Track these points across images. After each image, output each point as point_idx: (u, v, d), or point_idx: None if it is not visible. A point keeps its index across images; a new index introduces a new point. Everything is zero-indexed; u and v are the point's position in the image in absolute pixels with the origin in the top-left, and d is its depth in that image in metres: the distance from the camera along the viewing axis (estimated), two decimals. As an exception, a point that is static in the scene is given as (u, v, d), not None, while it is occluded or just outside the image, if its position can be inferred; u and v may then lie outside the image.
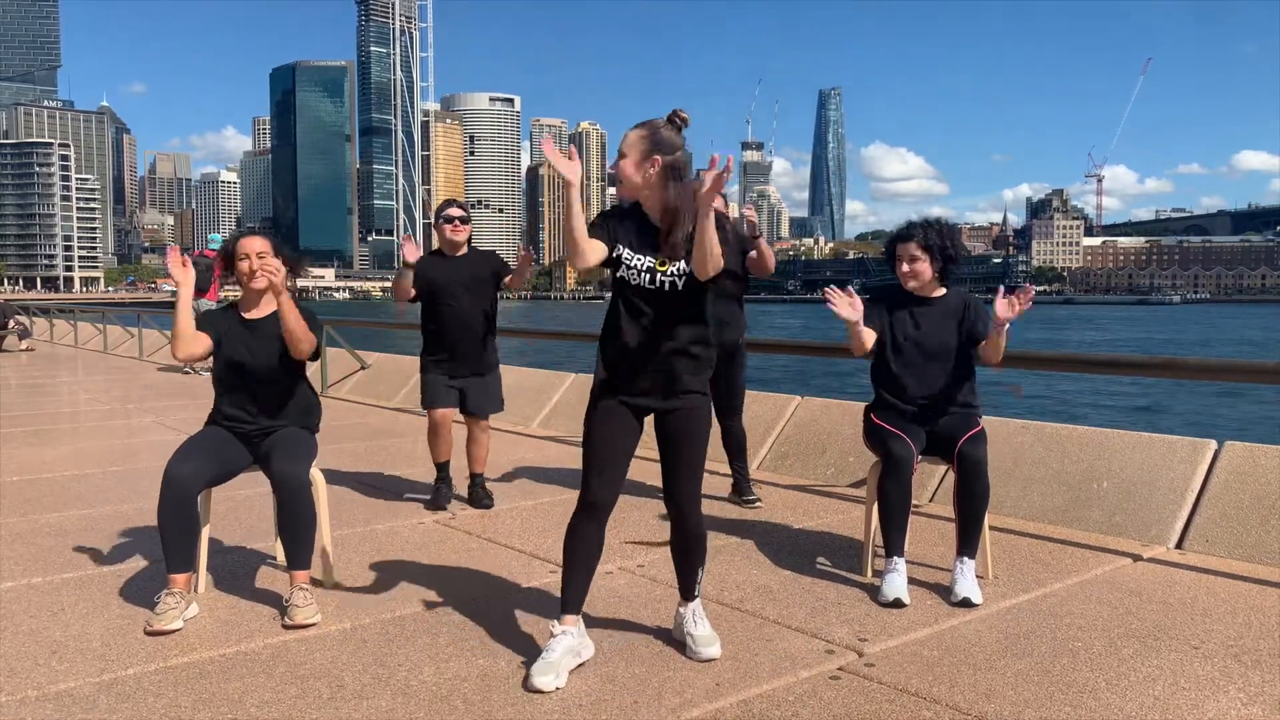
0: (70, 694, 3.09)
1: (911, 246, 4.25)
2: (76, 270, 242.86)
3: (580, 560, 3.33)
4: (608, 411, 3.35)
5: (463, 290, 5.58)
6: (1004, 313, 4.04)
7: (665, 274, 3.24)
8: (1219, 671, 3.26)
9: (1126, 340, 72.53)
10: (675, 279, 3.25)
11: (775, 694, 3.09)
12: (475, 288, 5.63)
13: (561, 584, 3.34)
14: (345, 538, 4.97)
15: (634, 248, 3.26)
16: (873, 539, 4.40)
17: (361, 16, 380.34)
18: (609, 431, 3.34)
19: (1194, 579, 4.31)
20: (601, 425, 3.35)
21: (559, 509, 5.73)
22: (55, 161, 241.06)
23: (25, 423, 9.68)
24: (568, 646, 3.22)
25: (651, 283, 3.25)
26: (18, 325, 21.76)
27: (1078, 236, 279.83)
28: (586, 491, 3.36)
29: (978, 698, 3.05)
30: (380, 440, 8.43)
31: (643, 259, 3.25)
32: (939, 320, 4.28)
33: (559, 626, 3.26)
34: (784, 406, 7.22)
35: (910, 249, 4.25)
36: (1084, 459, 5.43)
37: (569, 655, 3.22)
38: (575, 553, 3.33)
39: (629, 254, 3.26)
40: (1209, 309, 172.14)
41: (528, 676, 3.14)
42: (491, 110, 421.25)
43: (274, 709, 2.98)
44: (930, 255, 4.22)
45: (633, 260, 3.25)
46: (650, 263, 3.25)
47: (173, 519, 3.75)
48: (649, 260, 3.25)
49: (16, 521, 5.42)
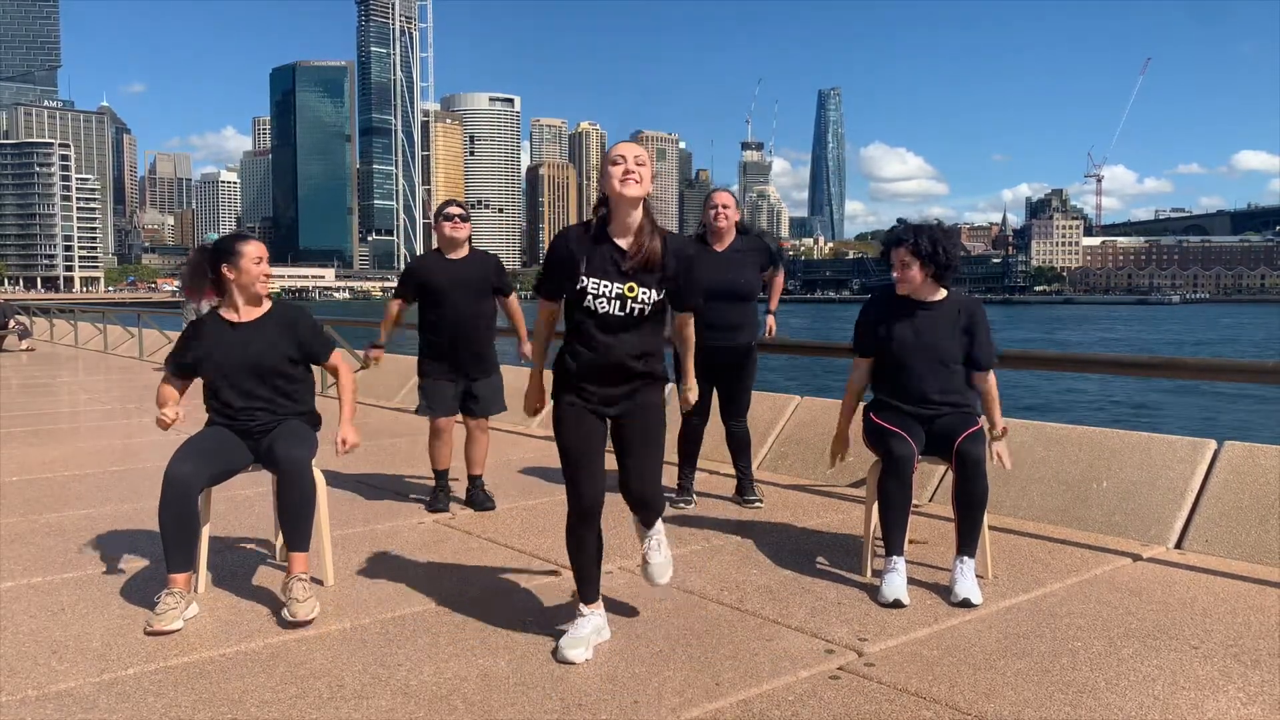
0: (70, 694, 3.09)
1: (901, 252, 4.24)
2: (76, 270, 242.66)
3: (588, 560, 3.54)
4: (577, 417, 3.45)
5: (464, 293, 5.54)
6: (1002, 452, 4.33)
7: (635, 300, 3.36)
8: (1219, 671, 3.26)
9: (1126, 340, 72.54)
10: (644, 306, 3.37)
11: (775, 694, 3.09)
12: (476, 290, 5.59)
13: (576, 580, 3.57)
14: (345, 538, 4.97)
15: (601, 274, 3.35)
16: (873, 539, 4.40)
17: (361, 16, 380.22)
18: (583, 435, 3.44)
19: (1194, 579, 4.31)
20: (575, 431, 3.44)
21: (559, 509, 5.70)
22: (55, 161, 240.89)
23: (25, 423, 9.68)
24: (595, 626, 3.50)
25: (622, 309, 3.36)
26: (18, 325, 21.77)
27: (1077, 236, 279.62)
28: (577, 497, 3.46)
29: (978, 698, 3.05)
30: (380, 440, 8.43)
31: (611, 286, 3.35)
32: (939, 324, 4.28)
33: (585, 609, 3.52)
34: (784, 406, 7.23)
35: (900, 254, 4.24)
36: (1084, 459, 5.43)
37: (595, 633, 3.48)
38: (582, 553, 3.53)
39: (594, 283, 3.34)
40: (1208, 309, 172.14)
41: (558, 649, 3.37)
42: (491, 110, 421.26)
43: (274, 709, 2.98)
44: (920, 261, 4.21)
45: (599, 288, 3.34)
46: (620, 289, 3.35)
47: (173, 519, 3.75)
48: (618, 287, 3.35)
49: (16, 521, 5.42)
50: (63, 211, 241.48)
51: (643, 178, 3.35)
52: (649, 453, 3.51)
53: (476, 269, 5.63)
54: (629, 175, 3.33)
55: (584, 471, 3.43)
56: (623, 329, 3.37)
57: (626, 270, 3.35)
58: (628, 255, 3.36)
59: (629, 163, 3.33)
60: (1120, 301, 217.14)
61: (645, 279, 3.36)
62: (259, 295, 4.13)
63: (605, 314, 3.34)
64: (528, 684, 3.15)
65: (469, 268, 5.61)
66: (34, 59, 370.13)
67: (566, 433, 3.44)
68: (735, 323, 5.49)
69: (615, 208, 3.39)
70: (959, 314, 4.31)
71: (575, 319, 3.41)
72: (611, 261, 3.35)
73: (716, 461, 6.97)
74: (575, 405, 3.44)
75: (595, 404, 3.44)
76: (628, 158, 3.33)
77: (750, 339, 5.65)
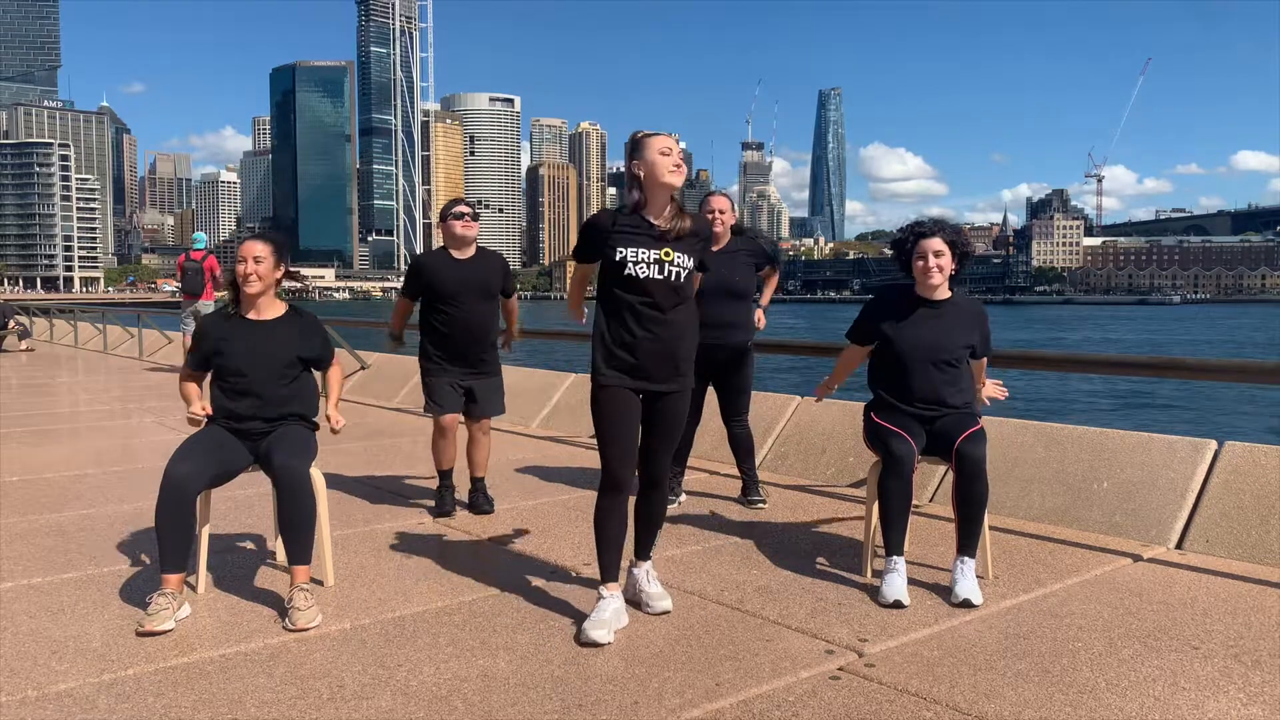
0: (70, 694, 3.09)
1: (935, 242, 4.24)
2: (76, 270, 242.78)
3: (612, 537, 3.71)
4: (615, 396, 3.67)
5: (471, 293, 5.50)
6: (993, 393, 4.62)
7: (672, 263, 3.64)
8: (1219, 671, 3.26)
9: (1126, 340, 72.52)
10: (681, 269, 3.66)
11: (775, 694, 3.09)
12: (482, 291, 5.56)
13: (599, 559, 3.71)
14: (345, 538, 4.96)
15: (637, 244, 3.63)
16: (873, 539, 4.40)
17: (361, 16, 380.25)
18: (621, 415, 3.68)
19: (1194, 579, 4.31)
20: (613, 410, 3.68)
21: (559, 509, 5.73)
22: (55, 161, 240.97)
23: (25, 423, 9.68)
24: (616, 608, 3.64)
25: (660, 272, 3.62)
26: (18, 325, 21.77)
27: (1078, 237, 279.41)
28: (610, 474, 3.69)
29: (978, 698, 3.05)
30: (380, 440, 8.42)
31: (649, 253, 3.63)
32: (945, 324, 4.28)
33: (606, 591, 3.66)
34: (784, 406, 7.23)
35: (935, 244, 4.24)
36: (1084, 459, 5.43)
37: (616, 616, 3.61)
38: (607, 529, 3.71)
39: (633, 251, 3.62)
40: (1209, 309, 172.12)
41: (580, 632, 3.52)
42: (491, 110, 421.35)
43: (274, 709, 2.98)
44: (952, 251, 4.24)
45: (638, 255, 3.62)
46: (657, 255, 3.63)
47: (170, 518, 3.75)
48: (655, 253, 3.63)
49: (16, 521, 5.42)
50: (63, 211, 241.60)
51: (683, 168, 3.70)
52: (673, 436, 3.81)
53: (484, 270, 5.60)
54: (679, 167, 3.66)
55: (616, 447, 3.67)
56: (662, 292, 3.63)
57: (660, 237, 3.66)
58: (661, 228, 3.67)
59: (675, 155, 3.65)
60: (1121, 302, 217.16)
61: (678, 245, 3.67)
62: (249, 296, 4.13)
63: (646, 278, 3.61)
64: (528, 684, 3.15)
65: (476, 268, 5.57)
66: (34, 59, 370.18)
67: (604, 411, 3.68)
68: (731, 321, 5.54)
69: (653, 193, 3.67)
70: (964, 315, 4.32)
71: (617, 300, 3.66)
72: (647, 233, 3.66)
73: (716, 462, 6.97)
74: (613, 388, 3.67)
75: (638, 379, 3.67)
76: (674, 150, 3.66)
77: (746, 338, 5.69)
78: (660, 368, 3.67)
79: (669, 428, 3.79)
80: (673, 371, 3.71)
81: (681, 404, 3.80)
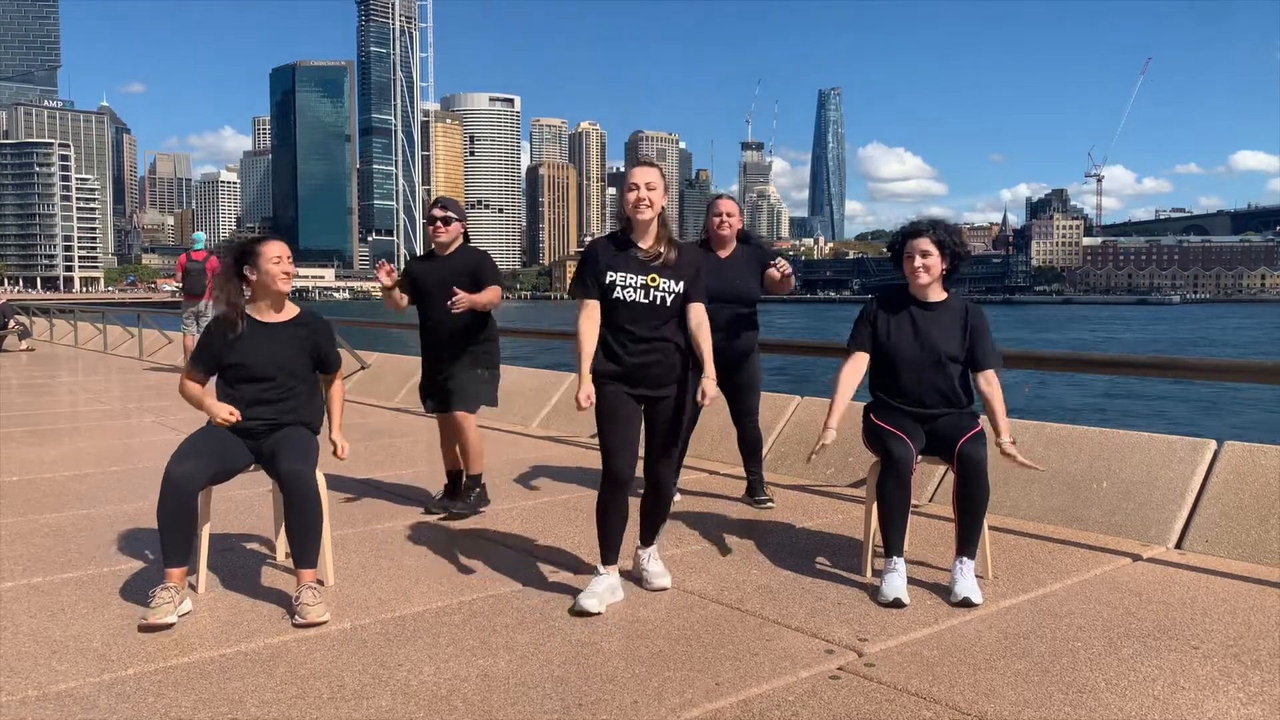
0: (70, 694, 3.09)
1: (923, 242, 4.25)
2: (76, 270, 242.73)
3: (613, 528, 3.94)
4: (616, 397, 3.87)
5: (445, 290, 5.43)
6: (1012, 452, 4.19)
7: (657, 289, 3.86)
8: (1219, 671, 3.26)
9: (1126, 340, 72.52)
10: (666, 294, 3.87)
11: (775, 694, 3.09)
12: (457, 286, 5.54)
13: (600, 545, 3.96)
14: (345, 538, 4.97)
15: (625, 270, 3.86)
16: (873, 539, 4.40)
17: (361, 16, 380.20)
18: (622, 414, 3.87)
19: (1194, 579, 4.31)
20: (614, 409, 3.87)
21: (559, 509, 5.73)
22: (55, 161, 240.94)
23: (25, 423, 9.68)
24: (609, 585, 3.90)
25: (646, 297, 3.85)
26: (18, 325, 21.77)
27: (1077, 236, 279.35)
28: (611, 469, 3.87)
29: (978, 698, 3.05)
30: (380, 440, 8.43)
31: (636, 278, 3.86)
32: (941, 325, 4.28)
33: (603, 569, 3.93)
34: (784, 406, 7.23)
35: (922, 244, 4.25)
36: (1084, 459, 5.43)
37: (609, 591, 3.88)
38: (608, 521, 3.93)
39: (620, 276, 3.85)
40: (1209, 309, 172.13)
41: (575, 604, 3.79)
42: (491, 110, 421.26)
43: (274, 709, 2.98)
44: (941, 251, 4.24)
45: (625, 280, 3.85)
46: (643, 280, 3.86)
47: (171, 515, 3.77)
48: (641, 279, 3.86)
49: (16, 521, 5.42)
50: (63, 211, 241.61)
51: (653, 202, 3.85)
52: (672, 438, 3.97)
53: (459, 265, 5.55)
54: (640, 202, 3.84)
55: (617, 444, 3.86)
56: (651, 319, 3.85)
57: (646, 263, 3.87)
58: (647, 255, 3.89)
59: (641, 190, 3.83)
60: (1121, 302, 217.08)
61: (664, 272, 3.88)
62: (281, 294, 4.18)
63: (632, 302, 3.84)
64: (528, 684, 3.15)
65: (453, 265, 5.53)
66: (34, 59, 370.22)
67: (606, 410, 3.87)
68: (736, 325, 5.57)
69: (633, 222, 3.91)
70: (960, 315, 4.31)
71: (610, 317, 3.88)
72: (634, 260, 3.88)
73: (717, 461, 6.97)
74: (614, 390, 3.86)
75: (634, 387, 3.87)
76: (640, 185, 3.84)
77: (751, 342, 5.72)
78: (652, 379, 3.89)
79: (669, 429, 3.96)
80: (667, 378, 3.90)
81: (680, 406, 3.94)
